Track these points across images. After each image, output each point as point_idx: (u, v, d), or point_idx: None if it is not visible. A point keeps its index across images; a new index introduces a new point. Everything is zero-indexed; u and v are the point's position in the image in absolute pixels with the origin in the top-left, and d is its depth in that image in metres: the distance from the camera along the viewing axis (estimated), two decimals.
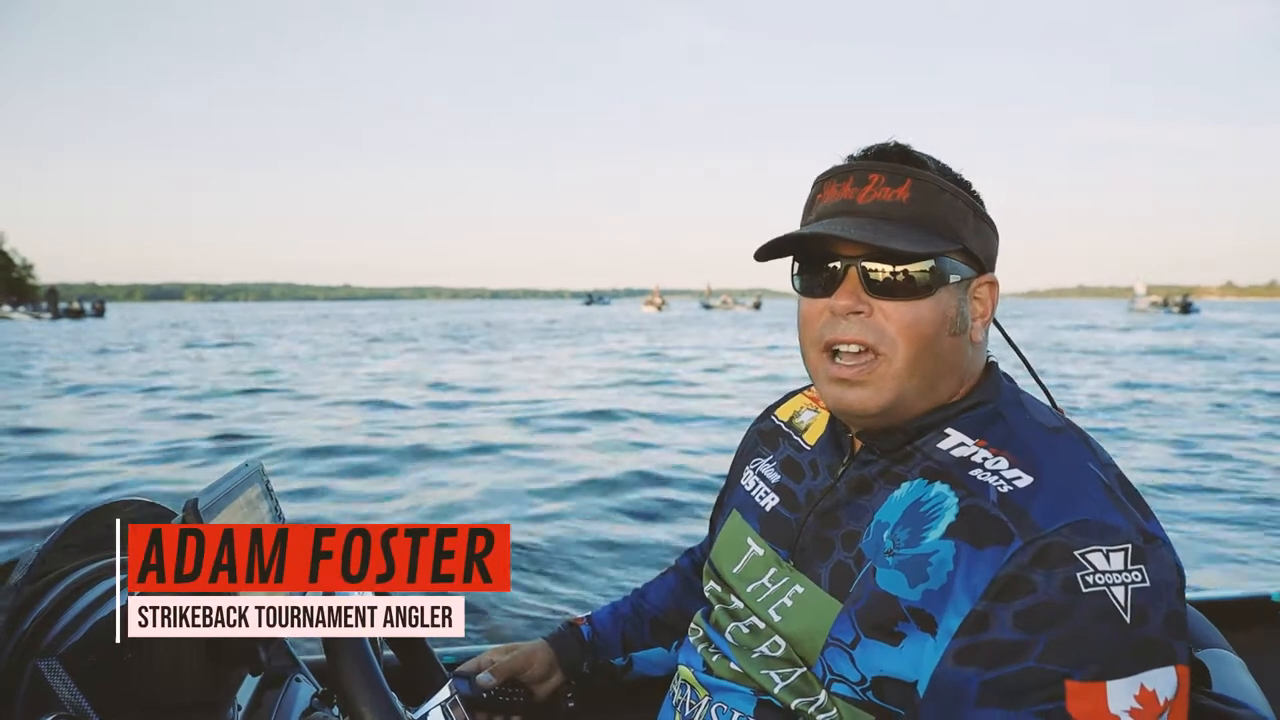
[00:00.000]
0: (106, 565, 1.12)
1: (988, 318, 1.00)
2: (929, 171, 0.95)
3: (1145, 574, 0.82)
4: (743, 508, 1.16)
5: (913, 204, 0.94)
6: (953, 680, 0.84)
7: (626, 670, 1.37)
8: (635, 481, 7.49)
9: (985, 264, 0.99)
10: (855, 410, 0.96)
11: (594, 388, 16.36)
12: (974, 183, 1.00)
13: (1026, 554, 0.83)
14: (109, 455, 9.22)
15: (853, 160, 0.98)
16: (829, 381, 0.97)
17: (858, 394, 0.95)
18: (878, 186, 0.94)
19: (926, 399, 0.97)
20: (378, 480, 7.94)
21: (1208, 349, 26.94)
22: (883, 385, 0.94)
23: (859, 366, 0.95)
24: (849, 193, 0.96)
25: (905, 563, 0.90)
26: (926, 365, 0.95)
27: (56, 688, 0.92)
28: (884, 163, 0.96)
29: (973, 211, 0.96)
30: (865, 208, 0.95)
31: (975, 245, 0.97)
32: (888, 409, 0.95)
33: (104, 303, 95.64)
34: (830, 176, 0.99)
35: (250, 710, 1.13)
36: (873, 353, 0.94)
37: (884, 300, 0.94)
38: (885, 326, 0.94)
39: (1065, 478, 0.87)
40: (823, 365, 0.98)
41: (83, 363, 23.59)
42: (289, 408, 13.52)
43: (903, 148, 0.97)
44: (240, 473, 1.08)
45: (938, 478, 0.94)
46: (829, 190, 0.98)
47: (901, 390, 0.94)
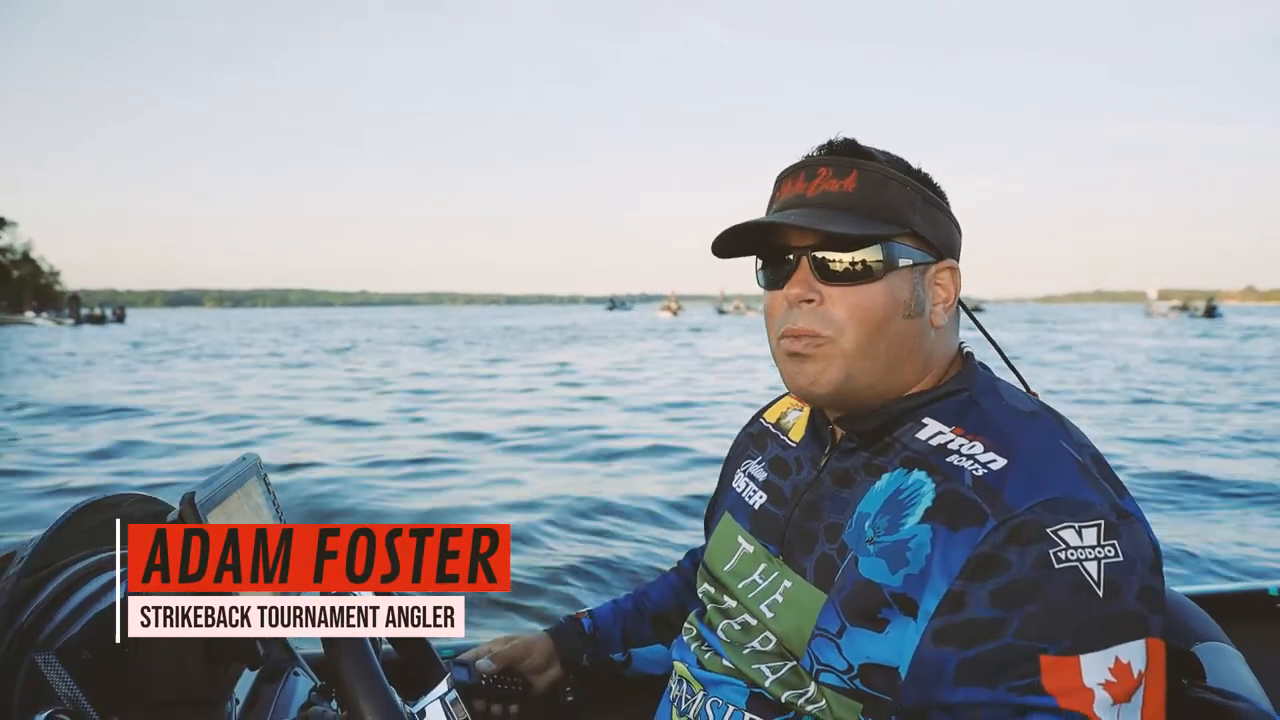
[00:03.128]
0: (104, 559, 1.12)
1: (950, 302, 1.03)
2: (875, 162, 0.98)
3: (1118, 549, 0.83)
4: (734, 509, 1.18)
5: (859, 193, 0.97)
6: (932, 660, 0.86)
7: (625, 666, 1.38)
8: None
9: (942, 250, 1.02)
10: (807, 387, 1.00)
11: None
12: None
13: (1000, 533, 0.84)
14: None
15: (807, 157, 1.02)
16: (785, 358, 1.01)
17: (810, 368, 0.99)
18: (826, 179, 0.99)
19: (886, 382, 0.99)
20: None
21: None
22: (831, 363, 0.98)
23: (807, 341, 0.98)
24: (801, 187, 1.01)
25: (885, 549, 0.92)
26: (878, 347, 0.98)
27: (53, 682, 0.92)
28: (832, 156, 1.00)
29: (921, 198, 0.99)
30: (814, 199, 0.99)
31: (926, 230, 0.99)
32: (840, 386, 0.98)
33: (124, 309, 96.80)
34: (786, 173, 1.03)
35: (248, 705, 1.13)
36: (820, 337, 0.98)
37: (833, 286, 0.98)
38: (834, 313, 0.98)
39: (1038, 458, 0.89)
40: (780, 348, 1.02)
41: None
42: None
43: (850, 141, 1.01)
44: (238, 466, 1.08)
45: (916, 466, 0.96)
46: (785, 186, 1.03)
47: (851, 370, 0.98)
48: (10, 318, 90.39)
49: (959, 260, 1.04)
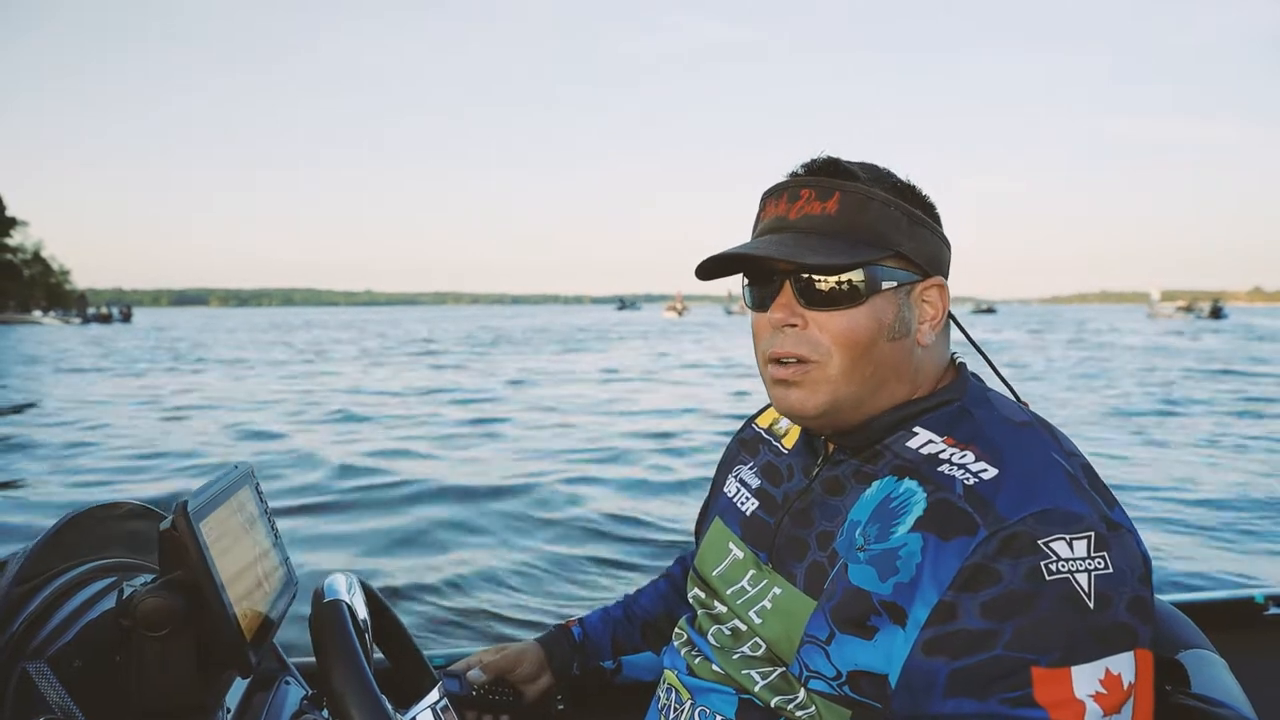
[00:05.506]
0: (96, 568, 1.13)
1: (937, 320, 1.02)
2: (858, 183, 0.98)
3: (1109, 560, 0.84)
4: (724, 514, 1.18)
5: (841, 216, 0.97)
6: (922, 670, 0.86)
7: (615, 674, 1.39)
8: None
9: (929, 268, 1.01)
10: (796, 411, 1.00)
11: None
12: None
13: (992, 544, 0.84)
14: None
15: (790, 176, 1.02)
16: (772, 384, 1.02)
17: (796, 395, 0.99)
18: (808, 201, 0.98)
19: (873, 402, 0.99)
20: None
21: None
22: (817, 388, 0.98)
23: (794, 368, 0.99)
24: (783, 209, 1.00)
25: (876, 558, 0.92)
26: (864, 371, 0.98)
27: (45, 691, 0.92)
28: (814, 178, 0.99)
29: (906, 217, 0.98)
30: (796, 223, 0.99)
31: (911, 250, 0.99)
32: (826, 411, 0.99)
33: (131, 308, 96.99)
34: (770, 194, 1.03)
35: (239, 713, 1.14)
36: (807, 362, 0.98)
37: (817, 311, 0.98)
38: (819, 337, 0.98)
39: (1029, 469, 0.89)
40: (768, 373, 1.02)
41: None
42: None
43: (832, 161, 1.00)
44: (230, 475, 1.08)
45: (907, 474, 0.95)
46: (769, 207, 1.02)
47: (837, 394, 0.98)
48: (18, 317, 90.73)
49: (948, 276, 1.04)
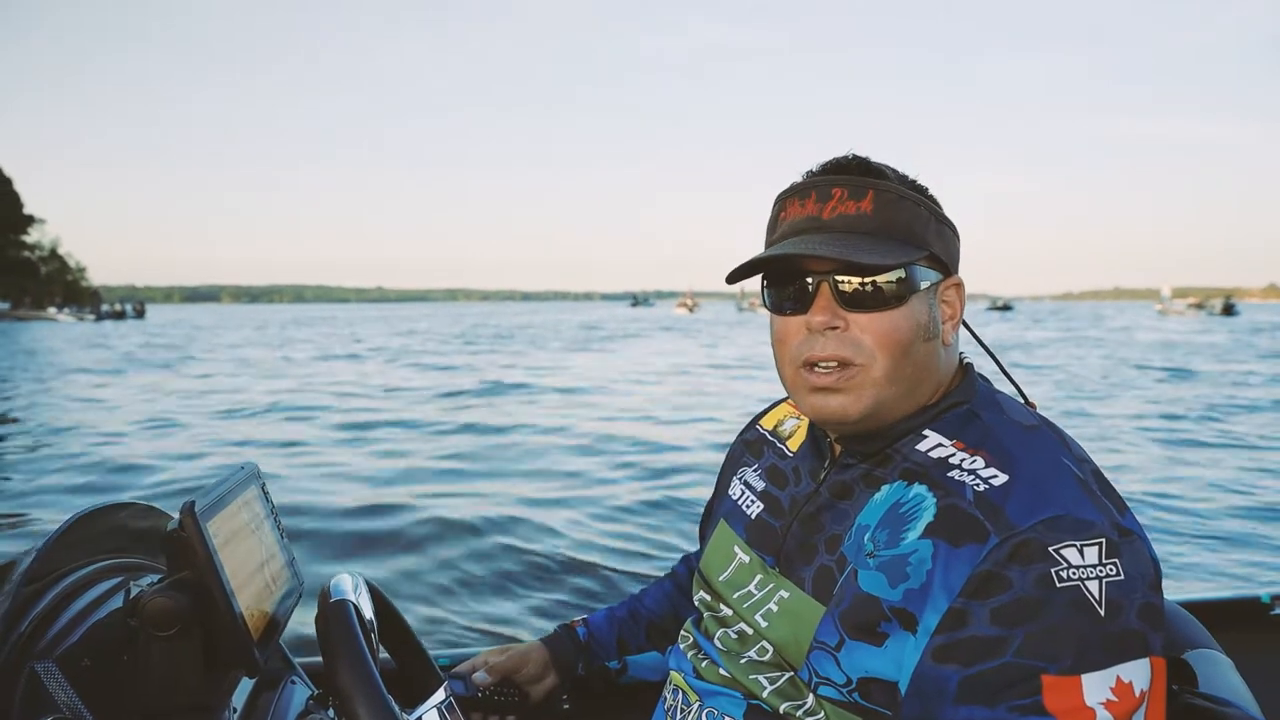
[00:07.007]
0: (104, 567, 1.13)
1: (957, 319, 1.01)
2: (889, 181, 0.96)
3: (1120, 567, 0.83)
4: (730, 516, 1.17)
5: (877, 215, 0.95)
6: (933, 678, 0.85)
7: (621, 674, 1.38)
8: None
9: (950, 266, 1.00)
10: (836, 418, 0.97)
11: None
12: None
13: (1002, 551, 0.83)
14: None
15: (813, 176, 0.99)
16: (809, 392, 0.98)
17: (838, 400, 0.96)
18: (841, 200, 0.96)
19: (904, 405, 0.98)
20: None
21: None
22: (862, 393, 0.95)
23: (837, 375, 0.96)
24: (813, 209, 0.97)
25: (885, 564, 0.91)
26: (905, 372, 0.96)
27: (53, 690, 0.93)
28: (845, 176, 0.96)
29: (934, 217, 0.98)
30: (831, 223, 0.96)
31: (939, 249, 0.98)
32: (867, 415, 0.96)
33: (144, 305, 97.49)
34: (792, 194, 1.00)
35: (246, 713, 1.14)
36: (851, 365, 0.95)
37: (858, 313, 0.95)
38: (861, 339, 0.95)
39: (1040, 474, 0.88)
40: (801, 379, 0.98)
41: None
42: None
43: (862, 160, 0.98)
44: (237, 475, 1.08)
45: (916, 479, 0.94)
46: (792, 208, 0.99)
47: (880, 398, 0.95)
48: (33, 313, 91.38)
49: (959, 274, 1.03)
